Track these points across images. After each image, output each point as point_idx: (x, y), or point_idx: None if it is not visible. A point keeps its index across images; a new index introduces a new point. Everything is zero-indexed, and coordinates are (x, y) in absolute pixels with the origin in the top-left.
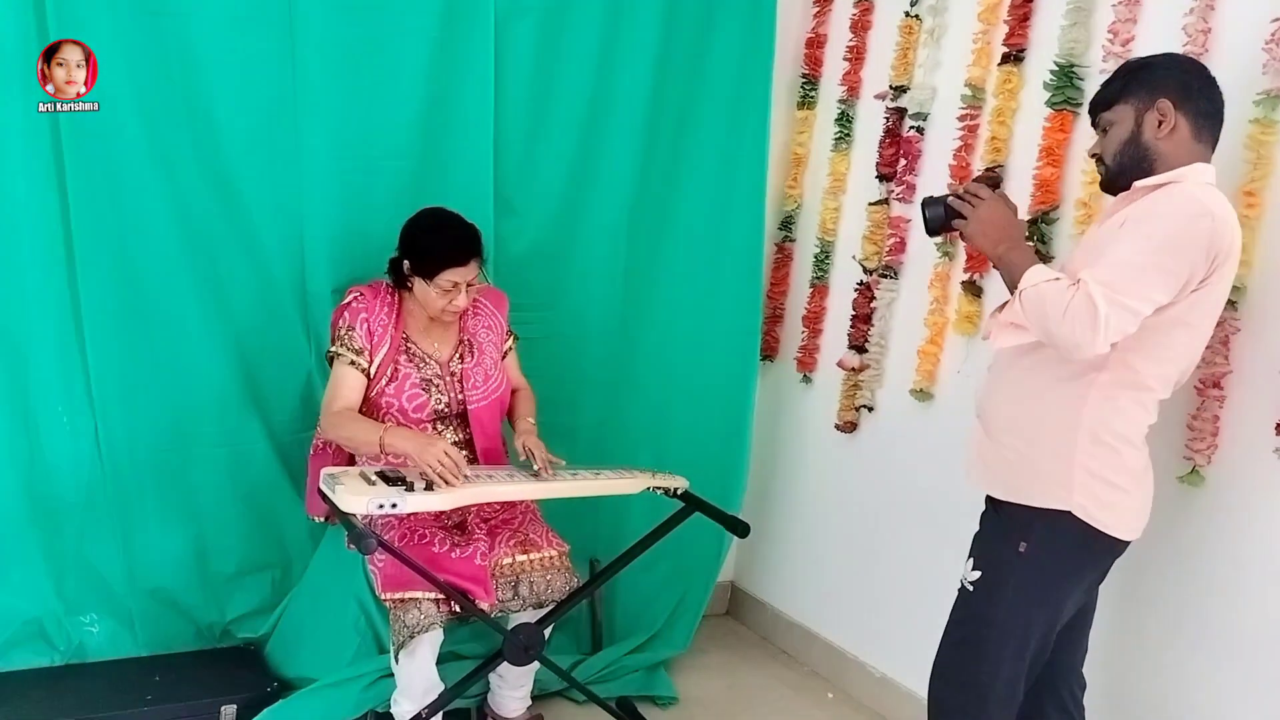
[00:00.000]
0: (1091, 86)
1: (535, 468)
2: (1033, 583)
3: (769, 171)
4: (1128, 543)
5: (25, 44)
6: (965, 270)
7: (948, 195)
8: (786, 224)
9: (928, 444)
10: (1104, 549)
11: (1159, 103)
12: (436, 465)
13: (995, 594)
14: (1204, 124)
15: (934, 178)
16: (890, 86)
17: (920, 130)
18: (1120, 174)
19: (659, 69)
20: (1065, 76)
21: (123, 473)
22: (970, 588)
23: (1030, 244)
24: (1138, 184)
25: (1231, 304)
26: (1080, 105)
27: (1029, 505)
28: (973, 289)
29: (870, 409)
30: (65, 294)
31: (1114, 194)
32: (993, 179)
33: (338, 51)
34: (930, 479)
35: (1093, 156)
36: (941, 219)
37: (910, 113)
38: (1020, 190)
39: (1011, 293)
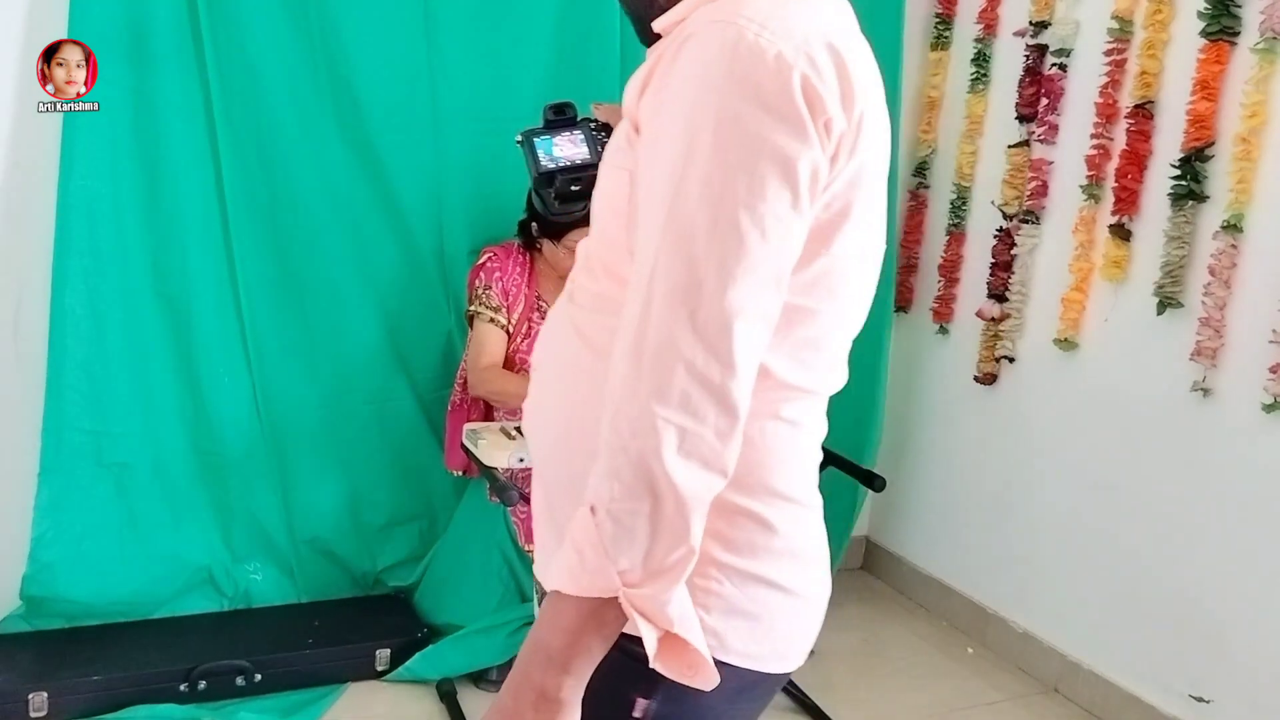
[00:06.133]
0: (1250, 14)
1: None
2: None
3: (902, 116)
4: None
5: (178, 25)
6: (1113, 214)
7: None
8: (920, 170)
9: (1072, 395)
10: None
11: None
12: None
13: None
14: None
15: (1078, 118)
16: (1030, 23)
17: (1063, 68)
18: (637, 22)
19: None
20: (1221, 4)
21: (279, 430)
22: None
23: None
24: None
25: None
26: (1238, 35)
27: None
28: (1121, 232)
29: (1011, 359)
30: (224, 263)
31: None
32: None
33: (469, 18)
34: (1074, 431)
35: None
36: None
37: (1052, 49)
38: (1173, 126)
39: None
